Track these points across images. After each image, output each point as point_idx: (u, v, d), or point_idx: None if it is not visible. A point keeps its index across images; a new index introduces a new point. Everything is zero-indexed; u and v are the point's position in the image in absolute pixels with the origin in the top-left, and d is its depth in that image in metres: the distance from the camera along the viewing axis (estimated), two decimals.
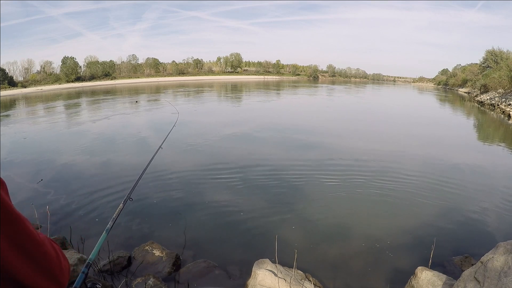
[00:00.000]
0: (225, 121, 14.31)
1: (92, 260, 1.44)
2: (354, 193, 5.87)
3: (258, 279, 2.88)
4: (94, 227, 4.42)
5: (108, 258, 3.41)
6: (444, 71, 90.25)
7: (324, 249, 4.01)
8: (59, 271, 0.62)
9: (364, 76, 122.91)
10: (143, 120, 14.87)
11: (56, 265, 0.62)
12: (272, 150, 8.80)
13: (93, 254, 1.50)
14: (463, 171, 7.44)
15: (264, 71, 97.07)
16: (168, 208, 5.12)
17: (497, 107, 22.49)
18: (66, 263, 0.66)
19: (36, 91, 43.78)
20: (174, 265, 3.51)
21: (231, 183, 6.26)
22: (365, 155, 8.46)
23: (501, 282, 2.17)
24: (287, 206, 5.23)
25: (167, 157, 8.18)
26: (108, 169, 7.14)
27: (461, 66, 71.95)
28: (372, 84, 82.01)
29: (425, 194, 5.88)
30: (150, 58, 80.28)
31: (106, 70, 68.07)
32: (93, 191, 5.75)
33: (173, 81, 65.38)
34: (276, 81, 75.12)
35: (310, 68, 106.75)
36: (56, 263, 0.62)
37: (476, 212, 5.13)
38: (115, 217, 1.68)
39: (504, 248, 2.39)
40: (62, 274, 0.63)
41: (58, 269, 0.62)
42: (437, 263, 3.49)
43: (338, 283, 3.34)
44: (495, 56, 45.06)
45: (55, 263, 0.61)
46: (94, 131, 11.71)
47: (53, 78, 58.57)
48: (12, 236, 0.52)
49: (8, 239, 0.52)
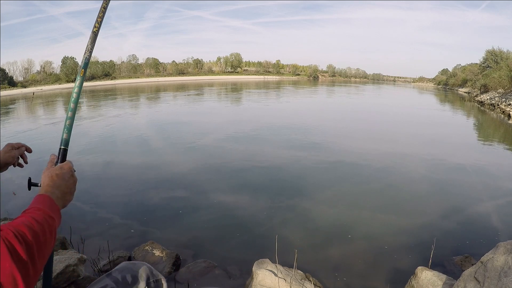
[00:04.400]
0: (225, 122, 14.31)
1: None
2: (355, 193, 5.87)
3: (258, 279, 2.88)
4: (94, 227, 4.42)
5: (108, 258, 3.41)
6: (444, 71, 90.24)
7: (325, 249, 4.01)
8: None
9: (364, 76, 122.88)
10: (143, 121, 14.87)
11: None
12: (272, 150, 8.80)
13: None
14: (463, 170, 7.44)
15: (264, 71, 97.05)
16: (168, 208, 5.12)
17: (497, 107, 22.49)
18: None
19: (36, 91, 43.78)
20: (174, 265, 3.51)
21: (231, 182, 6.26)
22: (366, 155, 8.46)
23: (501, 282, 2.17)
24: (287, 205, 5.23)
25: (167, 156, 8.19)
26: (108, 169, 7.15)
27: (461, 66, 71.91)
28: (372, 84, 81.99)
29: (425, 194, 5.89)
30: (150, 58, 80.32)
31: (106, 70, 68.11)
32: (93, 191, 5.75)
33: (173, 81, 65.38)
34: (276, 81, 75.11)
35: (310, 68, 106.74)
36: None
37: (476, 212, 5.13)
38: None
39: (504, 248, 2.38)
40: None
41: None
42: (437, 263, 3.49)
43: (338, 283, 3.34)
44: (495, 56, 45.02)
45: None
46: (94, 131, 11.71)
47: (53, 78, 58.61)
48: None
49: None
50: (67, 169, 0.89)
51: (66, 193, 0.84)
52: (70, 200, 0.85)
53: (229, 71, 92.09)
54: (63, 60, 61.68)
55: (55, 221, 0.73)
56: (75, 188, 0.88)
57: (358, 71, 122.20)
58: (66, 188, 0.84)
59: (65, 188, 0.84)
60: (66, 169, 0.88)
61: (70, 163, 0.93)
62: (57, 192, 0.81)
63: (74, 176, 0.89)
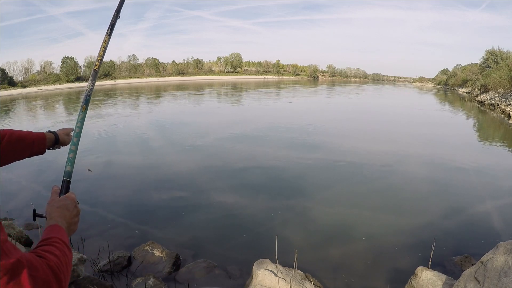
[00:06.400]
0: (225, 122, 14.31)
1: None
2: (355, 193, 5.87)
3: (258, 279, 2.88)
4: (94, 227, 4.42)
5: (108, 258, 3.41)
6: (444, 71, 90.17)
7: (325, 249, 4.01)
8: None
9: (364, 76, 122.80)
10: (144, 121, 14.86)
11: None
12: (272, 150, 8.80)
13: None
14: (463, 171, 7.44)
15: (264, 71, 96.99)
16: (168, 208, 5.12)
17: (497, 107, 22.49)
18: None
19: (36, 91, 43.79)
20: (174, 265, 3.51)
21: (232, 182, 6.26)
22: (366, 155, 8.46)
23: (501, 282, 2.17)
24: (287, 206, 5.23)
25: (168, 156, 8.20)
26: (108, 169, 7.15)
27: (461, 66, 71.84)
28: (372, 84, 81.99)
29: (425, 194, 5.89)
30: (150, 58, 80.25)
31: (106, 70, 68.03)
32: (93, 191, 5.75)
33: (173, 81, 65.39)
34: (276, 81, 75.12)
35: (310, 68, 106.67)
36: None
37: (476, 212, 5.13)
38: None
39: (504, 248, 2.39)
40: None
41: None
42: (437, 263, 3.49)
43: (338, 283, 3.34)
44: (495, 56, 44.98)
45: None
46: (94, 132, 11.71)
47: (53, 78, 58.55)
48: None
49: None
50: (71, 201, 0.92)
51: (71, 223, 0.88)
52: (75, 230, 0.90)
53: (229, 71, 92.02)
54: (63, 60, 61.60)
55: (71, 252, 0.79)
56: (78, 218, 0.92)
57: (358, 71, 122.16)
58: (71, 219, 0.88)
59: (70, 219, 0.88)
60: (70, 201, 0.92)
61: (73, 194, 0.97)
62: (65, 223, 0.86)
63: (78, 207, 0.93)
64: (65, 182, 0.98)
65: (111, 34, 1.19)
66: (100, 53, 1.17)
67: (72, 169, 1.02)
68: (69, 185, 0.99)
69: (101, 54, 1.18)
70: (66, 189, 0.98)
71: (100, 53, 1.17)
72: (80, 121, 1.12)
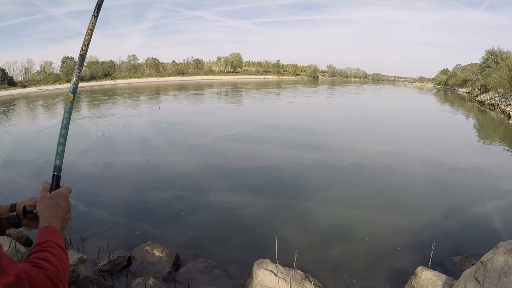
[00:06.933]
0: (225, 122, 14.31)
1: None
2: (355, 193, 5.87)
3: (258, 279, 2.88)
4: (94, 227, 4.43)
5: (108, 258, 3.41)
6: (444, 71, 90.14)
7: (325, 249, 4.01)
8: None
9: (364, 76, 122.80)
10: (143, 121, 14.86)
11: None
12: (272, 150, 8.80)
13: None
14: (463, 170, 7.44)
15: (264, 71, 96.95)
16: (168, 208, 5.12)
17: (497, 107, 22.49)
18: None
19: (36, 91, 43.79)
20: (174, 265, 3.51)
21: (232, 182, 6.27)
22: (366, 155, 8.46)
23: (501, 282, 2.17)
24: (287, 206, 5.23)
25: (168, 156, 8.20)
26: (108, 169, 7.15)
27: (461, 66, 71.83)
28: (372, 84, 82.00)
29: (425, 194, 5.89)
30: (150, 58, 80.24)
31: (106, 70, 68.07)
32: (93, 191, 5.75)
33: (173, 81, 65.38)
34: (276, 81, 75.10)
35: (310, 68, 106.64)
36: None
37: (476, 212, 5.13)
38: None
39: (504, 248, 2.38)
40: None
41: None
42: (437, 263, 3.49)
43: (338, 283, 3.34)
44: (495, 56, 44.97)
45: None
46: (94, 131, 11.71)
47: (53, 78, 58.54)
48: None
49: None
50: (63, 197, 0.90)
51: (64, 220, 0.87)
52: (67, 227, 0.88)
53: (229, 71, 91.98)
54: (63, 60, 61.60)
55: (67, 255, 0.79)
56: (70, 214, 0.90)
57: (358, 71, 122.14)
58: (63, 216, 0.87)
59: (62, 216, 0.87)
60: (62, 197, 0.89)
61: (69, 187, 0.94)
62: (58, 222, 0.85)
63: (69, 202, 0.91)
64: (55, 177, 0.95)
65: (97, 16, 1.10)
66: (87, 37, 1.08)
67: (62, 163, 0.97)
68: (59, 180, 0.95)
69: (88, 38, 1.09)
70: (57, 184, 0.94)
71: (86, 36, 1.09)
72: (68, 112, 1.03)
